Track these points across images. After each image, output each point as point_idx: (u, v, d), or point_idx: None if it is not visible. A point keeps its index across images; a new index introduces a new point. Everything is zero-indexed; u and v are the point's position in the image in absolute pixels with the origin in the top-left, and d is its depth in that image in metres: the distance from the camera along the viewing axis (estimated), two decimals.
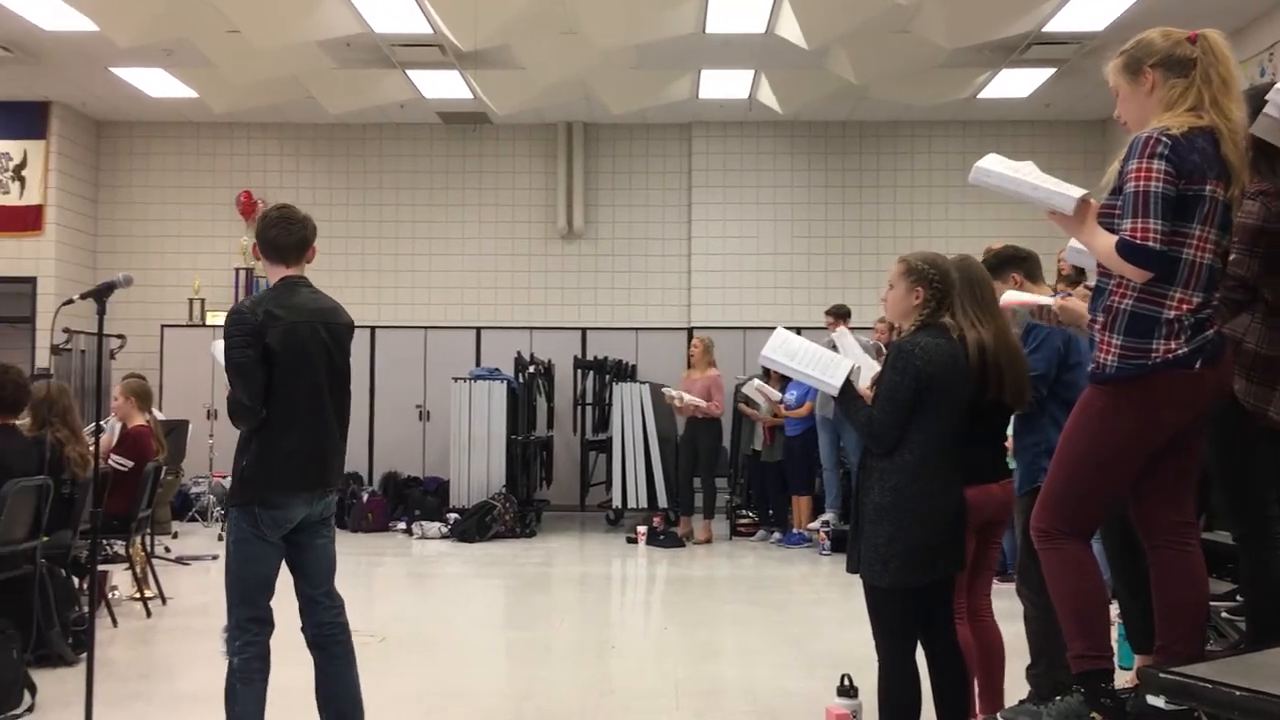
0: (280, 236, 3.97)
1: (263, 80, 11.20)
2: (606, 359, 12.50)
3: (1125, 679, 3.96)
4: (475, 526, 10.59)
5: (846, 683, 4.44)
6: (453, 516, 10.90)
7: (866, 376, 3.77)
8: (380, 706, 4.73)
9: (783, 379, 9.37)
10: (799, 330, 11.14)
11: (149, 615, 6.96)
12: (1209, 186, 3.02)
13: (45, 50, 10.74)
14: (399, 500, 11.75)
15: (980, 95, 11.88)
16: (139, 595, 7.10)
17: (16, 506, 5.31)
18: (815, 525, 9.98)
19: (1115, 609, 4.39)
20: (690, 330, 12.77)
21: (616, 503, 11.30)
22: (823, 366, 3.70)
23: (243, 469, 3.82)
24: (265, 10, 9.31)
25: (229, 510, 3.89)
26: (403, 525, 11.29)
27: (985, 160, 3.29)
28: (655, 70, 11.35)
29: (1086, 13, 9.46)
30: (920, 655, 3.69)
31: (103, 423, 7.31)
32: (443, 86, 11.70)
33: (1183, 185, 2.99)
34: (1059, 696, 3.40)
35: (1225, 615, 4.46)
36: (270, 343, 3.78)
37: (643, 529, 10.43)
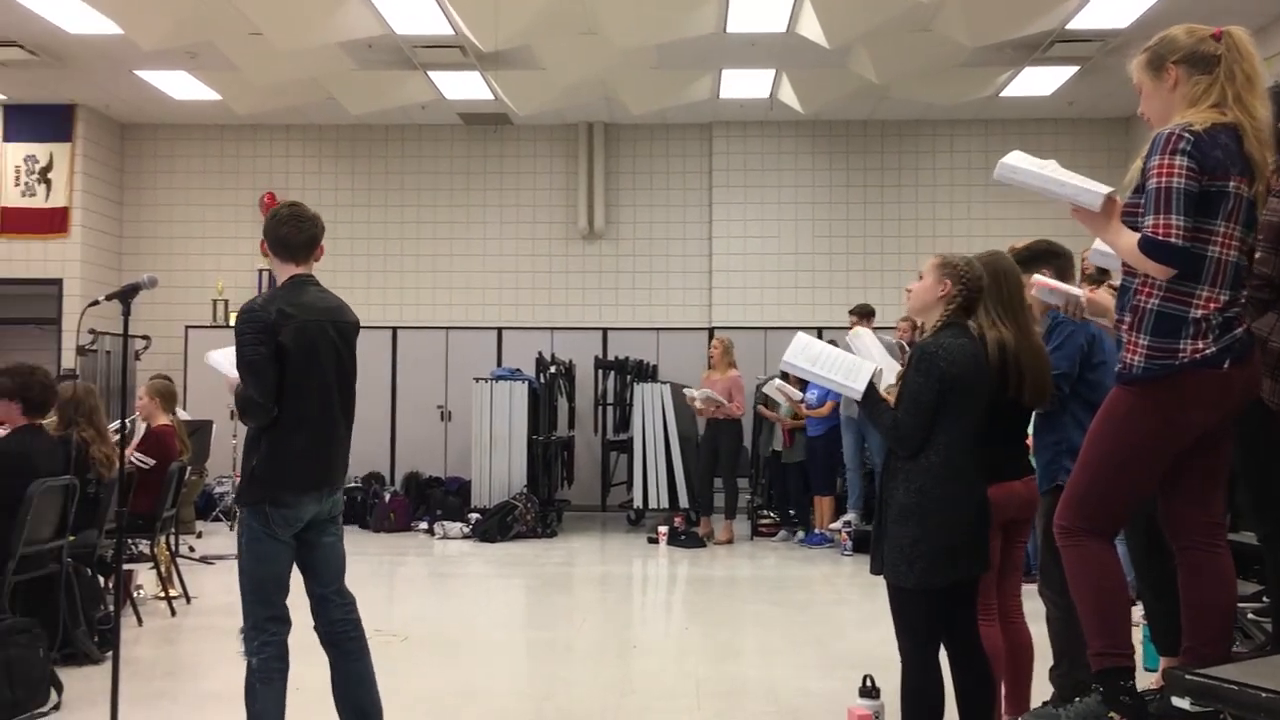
0: (291, 234, 3.95)
1: (285, 82, 11.27)
2: (627, 359, 12.50)
3: (1151, 681, 3.94)
4: (497, 526, 10.61)
5: (869, 683, 4.42)
6: (474, 516, 10.93)
7: (889, 378, 3.75)
8: (403, 706, 4.76)
9: (802, 378, 9.33)
10: (820, 331, 11.23)
11: (173, 614, 7.01)
12: (1233, 182, 3.00)
13: (70, 53, 10.84)
14: (421, 500, 11.78)
15: (1002, 94, 11.82)
16: (164, 594, 7.15)
17: (43, 506, 5.36)
18: (837, 525, 9.96)
19: (1140, 611, 4.37)
20: (711, 330, 12.76)
21: (638, 503, 11.30)
22: (845, 371, 3.68)
23: (253, 468, 3.80)
24: (287, 12, 9.36)
25: (239, 510, 3.88)
26: (424, 525, 11.32)
27: (1010, 157, 3.28)
28: (676, 70, 11.35)
29: (1110, 10, 9.40)
30: (944, 656, 3.67)
31: (128, 420, 7.36)
32: (464, 87, 11.74)
33: (1206, 181, 2.97)
34: (1079, 698, 3.38)
35: (1251, 617, 4.42)
36: (283, 341, 3.77)
37: (664, 529, 10.44)
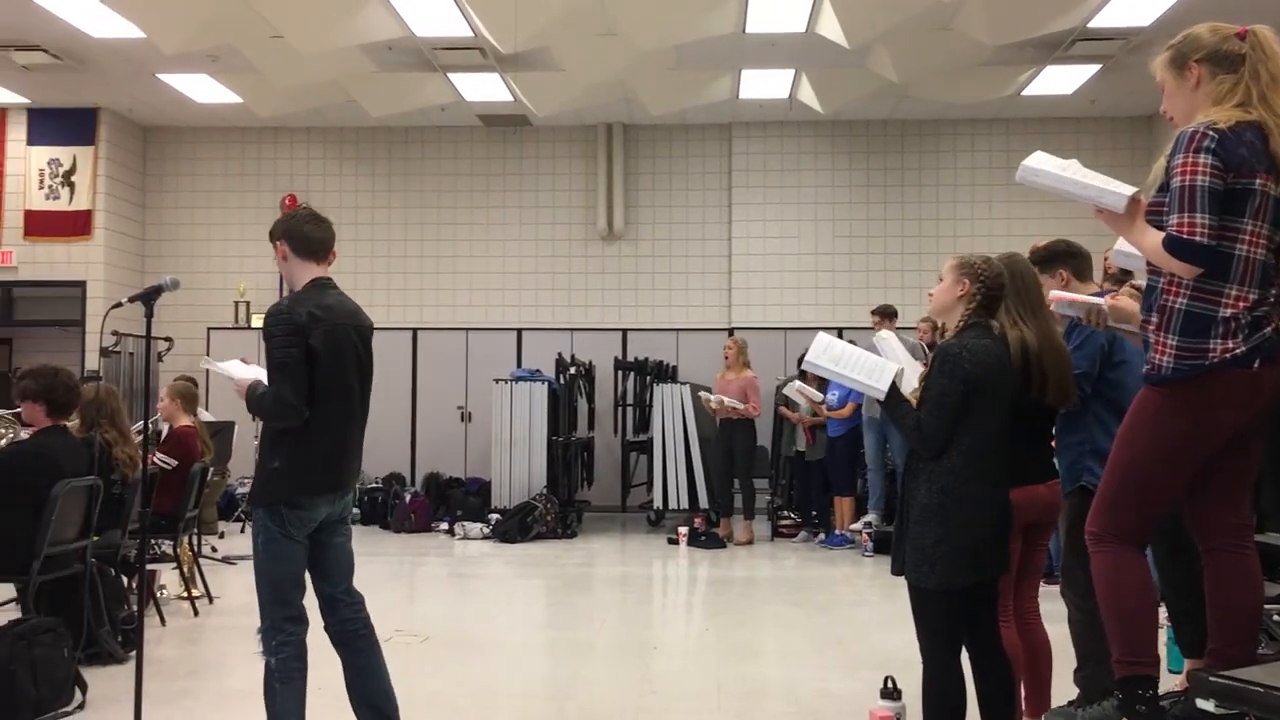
0: (315, 232, 3.99)
1: (306, 84, 11.32)
2: (647, 360, 12.50)
3: (1175, 683, 3.91)
4: (517, 527, 10.63)
5: (890, 685, 4.41)
6: (494, 517, 10.95)
7: (911, 378, 3.74)
8: (423, 706, 4.77)
9: (821, 379, 9.32)
10: (840, 331, 11.19)
11: (196, 614, 7.04)
12: (1259, 180, 2.97)
13: (93, 57, 10.92)
14: (441, 501, 11.81)
15: (1024, 92, 11.75)
16: (187, 594, 7.19)
17: (67, 507, 5.39)
18: (858, 526, 9.93)
19: (1163, 612, 4.34)
20: (731, 331, 12.74)
21: (657, 504, 11.29)
22: (867, 371, 3.67)
23: (274, 469, 3.79)
24: (308, 15, 9.41)
25: (255, 511, 3.86)
26: (445, 526, 11.34)
27: (1032, 159, 3.26)
28: (695, 71, 11.34)
29: (1132, 8, 9.34)
30: (965, 658, 3.66)
31: (151, 421, 7.42)
32: (483, 89, 11.77)
33: (1231, 179, 2.95)
34: (1099, 701, 3.37)
35: (1277, 618, 4.39)
36: (313, 344, 3.78)
37: (684, 530, 10.43)
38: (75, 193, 12.77)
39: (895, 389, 3.63)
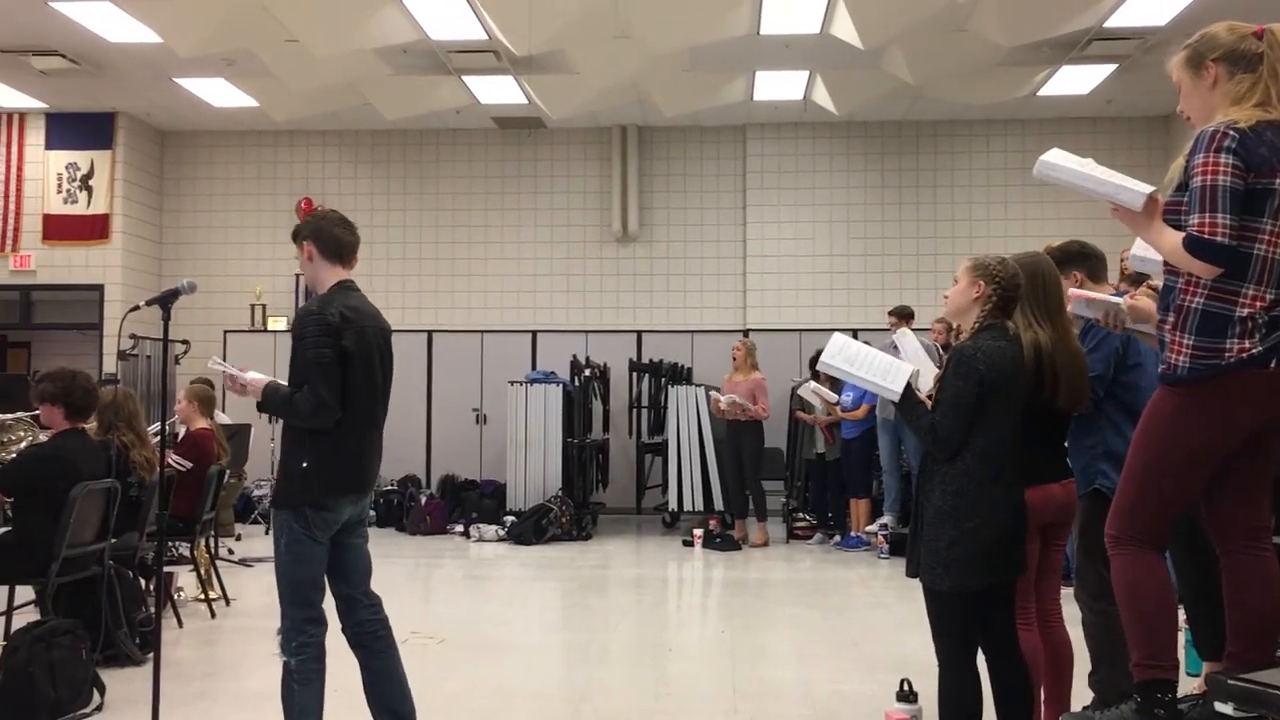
0: (344, 234, 4.04)
1: (321, 88, 11.36)
2: (662, 362, 12.49)
3: (1193, 686, 3.89)
4: (532, 529, 10.64)
5: (906, 687, 4.40)
6: (509, 519, 10.96)
7: (927, 380, 3.73)
8: (438, 707, 4.78)
9: (836, 380, 9.30)
10: (855, 333, 11.17)
11: (213, 616, 7.07)
12: (1279, 180, 2.95)
13: (110, 62, 10.99)
14: (456, 503, 11.83)
15: (1040, 93, 11.71)
16: (204, 596, 7.22)
17: (85, 509, 5.42)
18: (873, 528, 9.91)
19: (1182, 615, 4.31)
20: (745, 332, 12.74)
21: (672, 505, 11.29)
22: (882, 372, 3.66)
23: (302, 470, 3.80)
24: (323, 19, 9.44)
25: (277, 512, 3.86)
26: (460, 528, 11.37)
27: (1050, 154, 3.24)
28: (709, 73, 11.34)
29: (1148, 7, 9.29)
30: (981, 660, 3.64)
31: (168, 423, 7.45)
32: (498, 92, 11.80)
33: (1251, 179, 2.93)
34: (1118, 704, 3.35)
35: None
36: (346, 345, 3.81)
37: (699, 532, 10.43)
38: (93, 197, 12.85)
39: (910, 390, 3.62)
